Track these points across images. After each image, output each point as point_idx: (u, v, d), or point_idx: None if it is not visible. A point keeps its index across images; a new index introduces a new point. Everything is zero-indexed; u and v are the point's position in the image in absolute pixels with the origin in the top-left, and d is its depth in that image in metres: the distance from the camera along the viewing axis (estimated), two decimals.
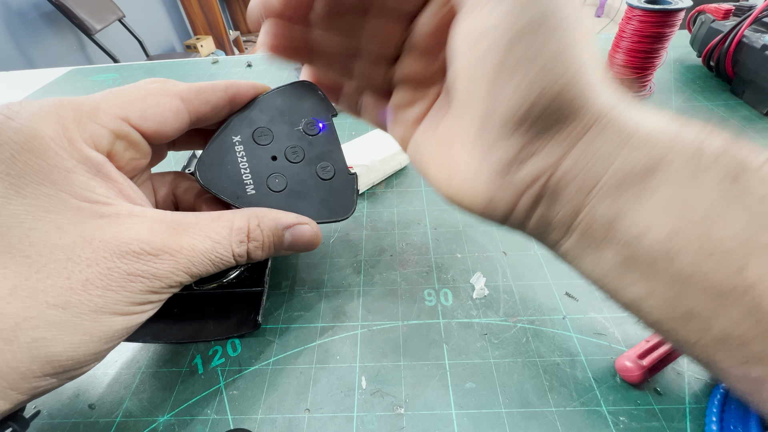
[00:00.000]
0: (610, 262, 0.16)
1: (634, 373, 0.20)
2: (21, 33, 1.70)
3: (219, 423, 0.21)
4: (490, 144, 0.16)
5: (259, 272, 0.26)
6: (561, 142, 0.15)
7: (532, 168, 0.16)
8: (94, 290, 0.15)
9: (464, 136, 0.18)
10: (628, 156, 0.14)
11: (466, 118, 0.17)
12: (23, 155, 0.15)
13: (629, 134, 0.15)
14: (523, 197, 0.16)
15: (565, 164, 0.15)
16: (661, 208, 0.14)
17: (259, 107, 0.23)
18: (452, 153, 0.19)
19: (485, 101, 0.16)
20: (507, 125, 0.15)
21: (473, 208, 0.18)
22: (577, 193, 0.15)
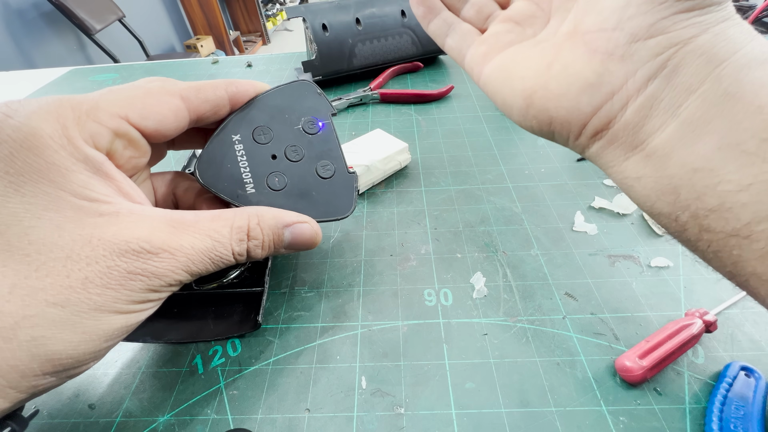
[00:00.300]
0: (709, 151, 0.15)
1: (634, 373, 0.20)
2: (21, 33, 1.70)
3: (219, 423, 0.20)
4: (631, 15, 0.17)
5: (259, 272, 0.26)
6: (700, 23, 0.16)
7: (668, 37, 0.16)
8: (94, 288, 0.15)
9: (587, 26, 0.18)
10: (758, 45, 0.15)
11: (597, 7, 0.18)
12: (22, 153, 0.15)
13: (756, 34, 0.16)
14: (643, 68, 0.17)
15: (699, 40, 0.16)
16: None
17: (259, 106, 0.23)
18: (557, 51, 0.19)
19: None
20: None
21: (566, 95, 0.18)
22: (705, 66, 0.15)
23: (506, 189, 0.34)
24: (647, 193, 0.17)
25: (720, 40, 0.15)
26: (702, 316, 0.22)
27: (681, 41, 0.16)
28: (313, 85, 0.25)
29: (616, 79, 0.17)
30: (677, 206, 0.16)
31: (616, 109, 0.17)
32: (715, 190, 0.15)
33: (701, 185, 0.15)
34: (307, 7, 0.50)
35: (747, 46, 0.15)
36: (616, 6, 0.17)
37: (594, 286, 0.26)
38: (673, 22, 0.16)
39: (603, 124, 0.18)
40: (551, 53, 0.19)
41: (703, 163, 0.15)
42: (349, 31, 0.50)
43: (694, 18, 0.16)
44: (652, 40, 0.16)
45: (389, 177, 0.36)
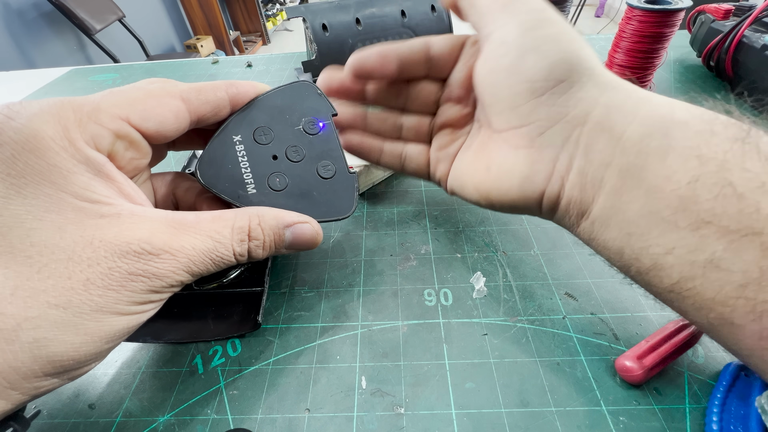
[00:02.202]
0: (635, 221, 0.17)
1: (634, 373, 0.20)
2: (21, 33, 1.70)
3: (219, 423, 0.21)
4: (526, 113, 0.19)
5: (259, 272, 0.26)
6: (585, 98, 0.18)
7: (567, 120, 0.18)
8: (95, 290, 0.15)
9: (498, 127, 0.21)
10: (651, 111, 0.17)
11: (497, 111, 0.21)
12: (24, 155, 0.15)
13: (646, 96, 0.17)
14: (562, 151, 0.19)
15: (594, 116, 0.18)
16: (683, 159, 0.16)
17: (260, 107, 0.23)
18: (488, 153, 0.22)
19: (510, 83, 0.19)
20: (534, 91, 0.18)
21: (512, 190, 0.21)
22: (607, 144, 0.17)
23: None
24: (600, 251, 0.19)
25: (612, 111, 0.17)
26: None
27: (579, 121, 0.18)
28: (314, 86, 0.25)
29: (545, 165, 0.19)
30: (624, 263, 0.18)
31: (557, 189, 0.19)
32: (647, 253, 0.17)
33: (637, 247, 0.17)
34: (307, 7, 0.50)
35: (639, 112, 0.17)
36: (509, 107, 0.20)
37: (594, 286, 0.26)
38: (562, 106, 0.18)
39: (552, 202, 0.20)
40: (485, 156, 0.22)
41: (633, 229, 0.17)
42: (349, 31, 0.50)
43: (578, 94, 0.18)
44: (557, 126, 0.19)
45: (389, 177, 0.36)
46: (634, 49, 0.43)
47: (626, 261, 0.18)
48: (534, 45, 0.19)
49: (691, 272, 0.15)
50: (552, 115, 0.19)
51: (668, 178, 0.16)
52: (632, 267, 0.18)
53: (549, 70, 0.18)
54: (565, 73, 0.18)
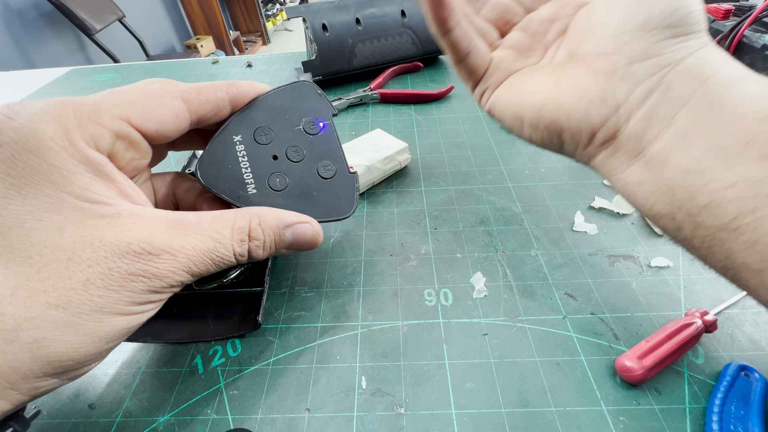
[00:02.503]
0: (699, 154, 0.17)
1: (634, 373, 0.20)
2: (21, 33, 1.70)
3: (219, 423, 0.21)
4: (626, 42, 0.19)
5: (259, 272, 0.26)
6: (686, 48, 0.18)
7: (661, 59, 0.19)
8: (95, 290, 0.15)
9: (587, 51, 0.21)
10: (736, 67, 0.18)
11: (595, 36, 0.21)
12: (24, 155, 0.15)
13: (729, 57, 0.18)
14: (642, 85, 0.19)
15: (687, 61, 0.18)
16: (759, 98, 0.16)
17: (260, 107, 0.23)
18: (561, 72, 0.22)
19: (626, 12, 0.19)
20: (646, 24, 0.19)
21: (575, 108, 0.20)
22: (693, 82, 0.18)
23: (506, 189, 0.34)
24: (647, 196, 0.19)
25: (703, 62, 0.18)
26: (702, 316, 0.22)
27: (672, 63, 0.18)
28: (314, 86, 0.25)
29: (620, 94, 0.19)
30: (673, 206, 0.18)
31: (621, 121, 0.19)
32: (705, 189, 0.17)
33: (693, 185, 0.17)
34: (307, 7, 0.50)
35: (725, 67, 0.18)
36: (611, 34, 0.20)
37: (594, 286, 0.26)
38: (663, 46, 0.19)
39: (611, 134, 0.20)
40: (557, 73, 0.22)
41: (694, 165, 0.17)
42: (349, 31, 0.50)
43: (680, 43, 0.19)
44: (648, 61, 0.19)
45: (389, 177, 0.36)
46: None
47: (677, 203, 0.18)
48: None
49: (752, 204, 0.15)
50: (648, 51, 0.19)
51: (742, 116, 0.16)
52: (682, 209, 0.18)
53: (671, 12, 0.18)
54: (682, 21, 0.18)
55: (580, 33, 0.22)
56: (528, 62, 0.24)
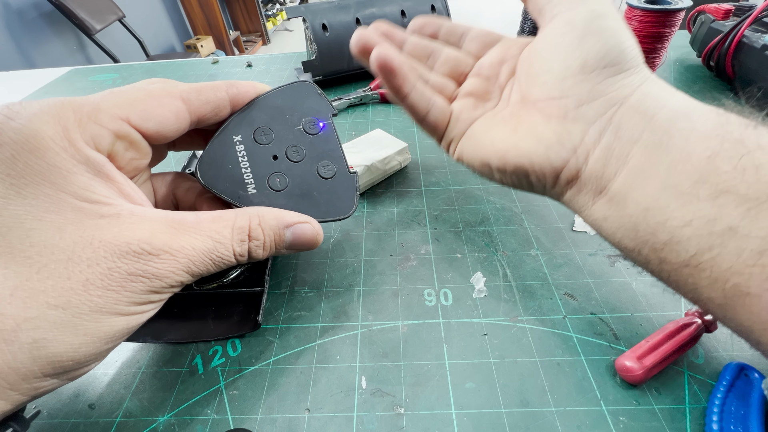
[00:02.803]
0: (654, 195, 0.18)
1: (634, 373, 0.20)
2: (21, 33, 1.70)
3: (219, 423, 0.21)
4: (570, 85, 0.20)
5: (259, 272, 0.26)
6: (628, 85, 0.19)
7: (607, 99, 0.20)
8: (95, 290, 0.15)
9: (536, 97, 0.22)
10: (679, 102, 0.19)
11: (540, 81, 0.22)
12: (24, 155, 0.15)
13: (676, 92, 0.19)
14: (594, 125, 0.20)
15: (632, 99, 0.19)
16: (704, 138, 0.17)
17: (260, 107, 0.23)
18: (517, 119, 0.23)
19: (565, 57, 0.21)
20: (585, 68, 0.20)
21: (535, 153, 0.21)
22: (640, 121, 0.19)
23: (506, 189, 0.34)
24: (613, 231, 0.20)
25: (647, 98, 0.19)
26: (702, 316, 0.22)
27: (617, 101, 0.19)
28: (314, 86, 0.25)
29: (575, 136, 0.20)
30: (638, 241, 0.18)
31: (581, 161, 0.20)
32: (665, 226, 0.17)
33: (654, 222, 0.18)
34: (307, 7, 0.50)
35: (669, 101, 0.19)
36: (555, 79, 0.21)
37: (594, 286, 0.26)
38: (606, 86, 0.20)
39: (573, 174, 0.21)
40: (513, 120, 0.23)
41: (652, 203, 0.18)
42: (349, 31, 0.50)
43: (622, 80, 0.20)
44: (595, 102, 0.20)
45: (389, 177, 0.36)
46: None
47: (641, 238, 0.18)
48: (598, 30, 0.20)
49: (708, 242, 0.16)
50: (593, 92, 0.20)
51: (690, 154, 0.17)
52: (647, 245, 0.18)
53: (605, 53, 0.20)
54: (617, 59, 0.19)
55: (526, 77, 0.23)
56: (487, 107, 0.25)
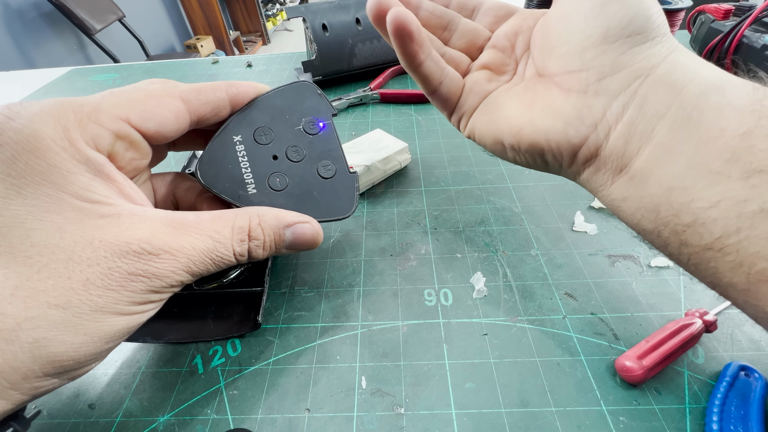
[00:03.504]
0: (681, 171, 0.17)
1: (634, 373, 0.20)
2: (21, 33, 1.70)
3: (219, 423, 0.21)
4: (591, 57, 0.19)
5: (259, 272, 0.26)
6: (655, 55, 0.18)
7: (631, 71, 0.18)
8: (95, 290, 0.15)
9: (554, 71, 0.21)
10: (712, 72, 0.17)
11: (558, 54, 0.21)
12: (24, 156, 0.15)
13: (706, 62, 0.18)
14: (617, 99, 0.19)
15: (659, 70, 0.18)
16: (738, 113, 0.16)
17: (260, 107, 0.23)
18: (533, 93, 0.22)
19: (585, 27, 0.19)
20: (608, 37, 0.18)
21: (552, 130, 0.20)
22: (667, 95, 0.17)
23: (506, 189, 0.34)
24: (632, 212, 0.19)
25: (676, 69, 0.18)
26: (702, 316, 0.22)
27: (643, 73, 0.18)
28: (314, 86, 0.25)
29: (596, 111, 0.19)
30: (659, 223, 0.17)
31: (601, 138, 0.19)
32: (689, 207, 0.16)
33: (677, 202, 0.17)
34: (307, 7, 0.50)
35: (700, 72, 0.17)
36: (574, 50, 0.20)
37: (594, 286, 0.26)
38: (630, 56, 0.18)
39: (592, 152, 0.19)
40: (528, 95, 0.22)
41: (677, 182, 0.17)
42: (349, 31, 0.50)
43: (648, 50, 0.18)
44: (618, 74, 0.18)
45: (389, 177, 0.36)
46: None
47: (662, 220, 0.17)
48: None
49: (736, 225, 0.15)
50: (617, 64, 0.18)
51: (722, 131, 0.16)
52: (668, 226, 0.17)
53: (629, 20, 0.18)
54: (643, 27, 0.18)
55: (542, 50, 0.22)
56: (502, 80, 0.24)
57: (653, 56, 0.18)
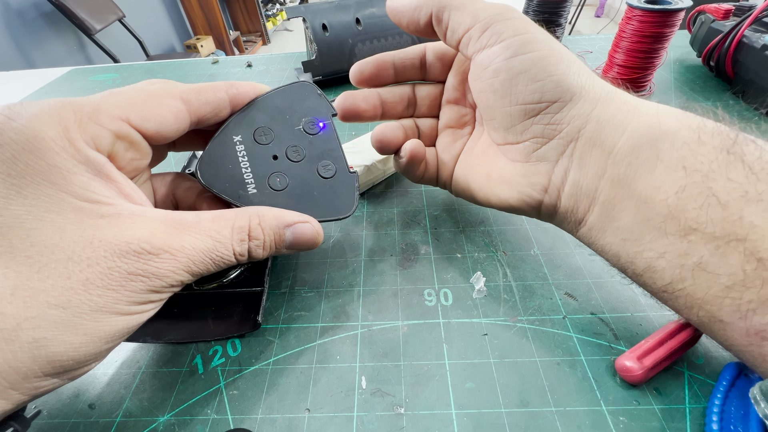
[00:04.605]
0: (628, 228, 0.18)
1: (634, 373, 0.20)
2: (21, 33, 1.70)
3: (219, 423, 0.21)
4: (521, 130, 0.20)
5: (259, 272, 0.26)
6: (578, 116, 0.18)
7: (561, 137, 0.19)
8: (95, 290, 0.15)
9: (496, 141, 0.22)
10: (638, 123, 0.17)
11: (493, 128, 0.22)
12: (24, 156, 0.15)
13: (635, 106, 0.18)
14: (558, 165, 0.20)
15: (586, 131, 0.18)
16: (670, 170, 0.16)
17: (260, 107, 0.23)
18: (488, 161, 0.23)
19: (503, 105, 0.20)
20: (528, 112, 0.19)
21: (511, 198, 0.22)
22: (599, 157, 0.18)
23: None
24: (599, 253, 0.20)
25: (603, 127, 0.18)
26: None
27: (572, 137, 0.19)
28: (314, 86, 0.25)
29: (542, 178, 0.21)
30: (620, 265, 0.19)
31: (554, 199, 0.21)
32: (642, 256, 0.18)
33: (632, 251, 0.18)
34: (307, 7, 0.50)
35: (630, 125, 0.18)
36: (504, 126, 0.21)
37: (594, 286, 0.26)
38: (556, 123, 0.19)
39: (551, 210, 0.21)
40: (485, 161, 0.24)
41: (628, 235, 0.18)
42: (349, 31, 0.50)
43: (570, 113, 0.19)
44: (551, 142, 0.20)
45: (389, 177, 0.36)
46: (634, 49, 0.43)
47: (623, 264, 0.19)
48: (522, 68, 0.19)
49: (681, 274, 0.16)
50: (546, 133, 0.19)
51: (657, 189, 0.17)
52: (628, 269, 0.19)
53: (541, 93, 0.19)
54: (556, 94, 0.19)
55: (480, 118, 0.24)
56: (464, 134, 0.26)
57: (577, 117, 0.19)
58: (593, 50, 0.58)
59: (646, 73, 0.45)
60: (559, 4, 0.47)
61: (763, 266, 0.15)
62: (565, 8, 0.47)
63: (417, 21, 0.23)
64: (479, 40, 0.21)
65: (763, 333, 0.15)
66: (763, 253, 0.15)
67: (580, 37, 0.63)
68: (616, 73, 0.46)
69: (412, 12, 0.23)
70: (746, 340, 0.16)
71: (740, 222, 0.15)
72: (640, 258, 0.18)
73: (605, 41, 0.60)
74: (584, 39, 0.62)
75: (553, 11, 0.47)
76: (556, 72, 0.19)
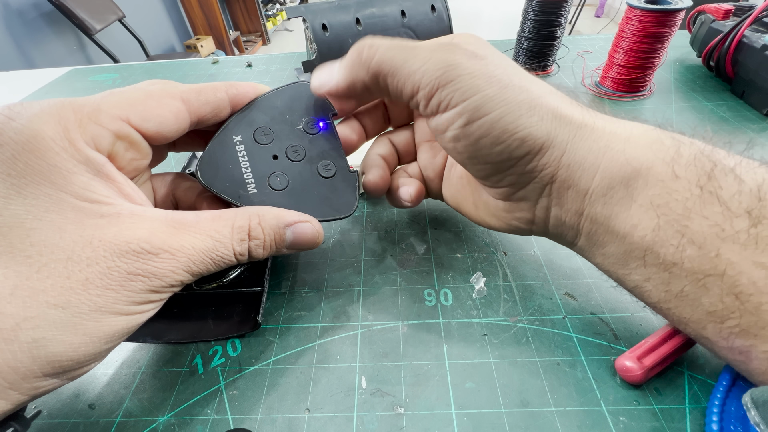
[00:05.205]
0: (614, 255, 0.19)
1: (634, 373, 0.20)
2: (21, 33, 1.70)
3: (219, 423, 0.21)
4: (497, 180, 0.20)
5: (259, 272, 0.26)
6: (550, 163, 0.19)
7: (536, 183, 0.19)
8: (94, 290, 0.15)
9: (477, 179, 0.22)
10: (610, 163, 0.18)
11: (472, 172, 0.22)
12: (24, 156, 0.15)
13: (606, 143, 0.18)
14: (539, 202, 0.20)
15: (559, 176, 0.19)
16: (645, 209, 0.17)
17: (260, 107, 0.23)
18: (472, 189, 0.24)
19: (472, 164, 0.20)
20: (499, 169, 0.20)
21: (500, 226, 0.23)
22: (576, 197, 0.19)
23: None
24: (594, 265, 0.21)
25: (574, 171, 0.18)
26: None
27: (548, 180, 0.19)
28: None
29: (526, 213, 0.21)
30: (614, 280, 0.20)
31: (541, 228, 0.22)
32: (630, 278, 0.19)
33: (620, 273, 0.19)
34: (307, 7, 0.50)
35: (601, 165, 0.18)
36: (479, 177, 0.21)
37: (594, 286, 0.26)
38: (530, 172, 0.19)
39: (541, 234, 0.22)
40: (469, 194, 0.24)
41: (615, 260, 0.19)
42: (349, 31, 0.50)
43: (541, 161, 0.19)
44: (529, 186, 0.20)
45: None
46: (634, 49, 0.43)
47: (615, 279, 0.20)
48: (482, 133, 0.18)
49: (666, 297, 0.17)
50: (522, 180, 0.20)
51: (635, 226, 0.17)
52: (621, 284, 0.20)
53: (508, 153, 0.19)
54: (523, 149, 0.18)
55: None
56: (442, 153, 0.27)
57: (548, 165, 0.19)
58: (593, 50, 0.58)
59: (646, 73, 0.45)
60: (559, 4, 0.47)
61: (741, 301, 0.15)
62: (565, 8, 0.47)
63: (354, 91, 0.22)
64: (428, 107, 0.20)
65: (747, 353, 0.16)
66: (741, 288, 0.15)
67: (580, 37, 0.63)
68: (616, 73, 0.46)
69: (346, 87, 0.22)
70: (731, 356, 0.17)
71: (718, 259, 0.15)
72: (629, 279, 0.19)
73: (605, 41, 0.60)
74: (584, 39, 0.62)
75: (553, 11, 0.47)
76: (519, 128, 0.18)
